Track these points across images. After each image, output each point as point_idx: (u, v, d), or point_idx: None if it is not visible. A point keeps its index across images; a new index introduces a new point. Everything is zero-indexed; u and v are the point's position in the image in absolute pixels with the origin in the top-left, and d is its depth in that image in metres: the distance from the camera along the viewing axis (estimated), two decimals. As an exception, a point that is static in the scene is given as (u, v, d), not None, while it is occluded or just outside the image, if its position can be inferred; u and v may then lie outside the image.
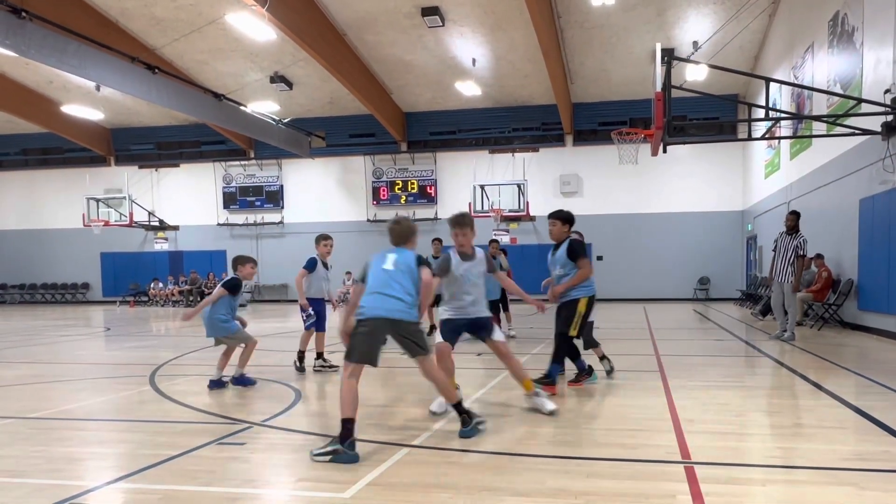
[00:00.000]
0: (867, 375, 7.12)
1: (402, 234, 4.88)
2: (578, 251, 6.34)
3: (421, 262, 4.72)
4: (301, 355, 8.00)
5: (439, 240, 12.06)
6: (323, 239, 8.05)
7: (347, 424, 4.19)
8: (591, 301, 6.48)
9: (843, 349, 9.75)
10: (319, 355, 8.05)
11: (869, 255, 11.52)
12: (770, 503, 3.34)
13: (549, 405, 5.42)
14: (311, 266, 7.84)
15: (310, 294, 7.87)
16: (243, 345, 7.05)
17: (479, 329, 5.50)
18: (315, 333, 7.96)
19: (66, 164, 28.73)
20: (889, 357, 8.79)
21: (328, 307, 8.27)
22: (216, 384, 6.80)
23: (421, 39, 19.95)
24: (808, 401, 6.11)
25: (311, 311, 7.83)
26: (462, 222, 5.35)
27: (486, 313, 5.55)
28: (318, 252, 7.98)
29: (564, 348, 6.46)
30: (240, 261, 7.17)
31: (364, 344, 4.43)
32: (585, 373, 6.77)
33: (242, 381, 6.92)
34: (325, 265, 8.01)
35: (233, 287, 6.89)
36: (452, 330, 5.49)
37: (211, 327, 6.94)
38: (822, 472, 3.81)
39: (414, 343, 4.59)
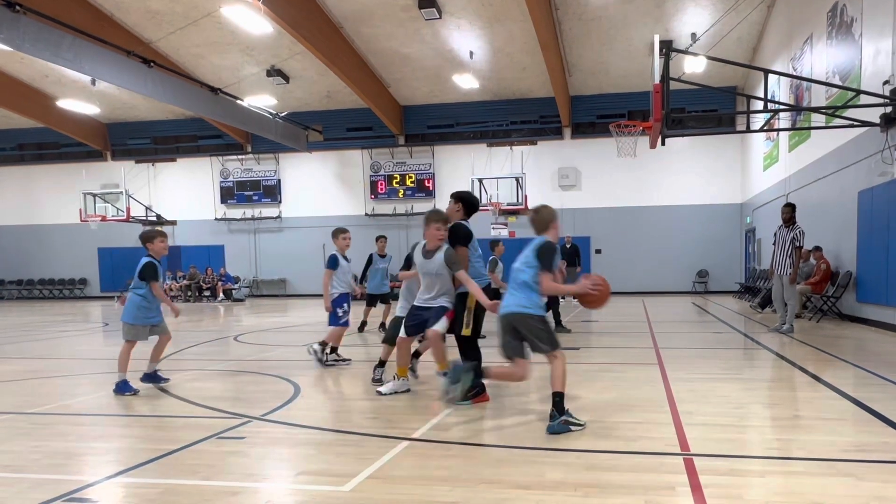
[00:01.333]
0: (866, 367, 7.13)
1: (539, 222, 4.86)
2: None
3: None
4: (334, 350, 7.97)
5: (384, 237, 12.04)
6: (341, 233, 8.02)
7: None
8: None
9: (841, 341, 9.76)
10: (334, 350, 7.99)
11: (867, 247, 11.53)
12: (769, 494, 3.34)
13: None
14: (333, 264, 7.81)
15: (341, 289, 7.86)
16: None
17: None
18: (338, 328, 7.84)
19: (62, 160, 28.64)
20: (887, 349, 8.80)
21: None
22: (149, 378, 6.60)
23: (418, 32, 19.88)
24: (806, 392, 6.12)
25: (345, 307, 7.87)
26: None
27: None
28: (336, 247, 7.97)
29: (469, 352, 5.79)
30: (146, 238, 6.50)
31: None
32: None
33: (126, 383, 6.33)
34: (346, 258, 8.02)
35: (145, 276, 6.38)
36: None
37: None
38: (821, 463, 3.82)
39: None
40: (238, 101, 19.57)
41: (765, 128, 13.36)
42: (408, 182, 25.89)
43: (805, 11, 15.20)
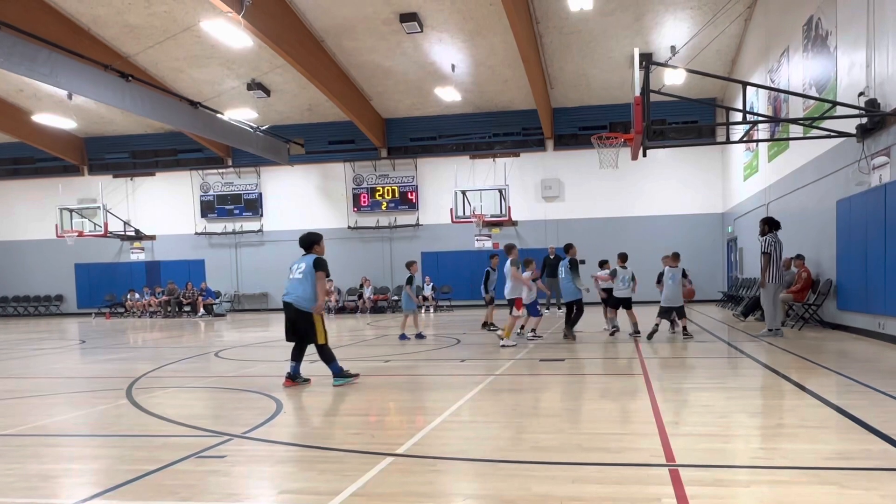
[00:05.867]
0: (848, 374, 7.19)
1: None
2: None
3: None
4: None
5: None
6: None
7: None
8: None
9: (823, 348, 9.85)
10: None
11: (847, 255, 11.67)
12: (755, 504, 3.33)
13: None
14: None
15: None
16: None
17: None
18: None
19: (38, 174, 28.25)
20: (868, 356, 8.89)
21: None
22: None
23: (400, 45, 19.94)
24: (790, 401, 6.14)
25: None
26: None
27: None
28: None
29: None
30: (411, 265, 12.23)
31: None
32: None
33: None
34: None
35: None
36: None
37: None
38: (806, 471, 3.82)
39: None
40: (218, 115, 19.44)
41: (744, 139, 13.55)
42: (391, 195, 25.86)
43: (781, 25, 15.47)
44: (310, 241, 7.50)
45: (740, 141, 13.74)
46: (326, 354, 7.36)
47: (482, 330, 14.14)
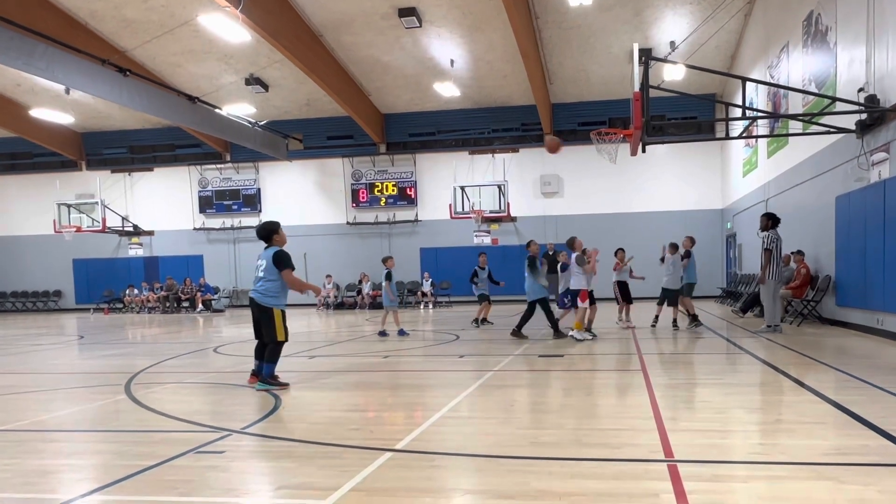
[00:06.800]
0: (846, 370, 7.20)
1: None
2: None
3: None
4: None
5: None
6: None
7: None
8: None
9: (822, 345, 9.86)
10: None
11: (846, 251, 11.68)
12: (752, 500, 3.33)
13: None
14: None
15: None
16: None
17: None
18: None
19: (36, 170, 28.18)
20: (867, 352, 8.91)
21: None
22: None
23: (398, 40, 19.89)
24: (788, 396, 6.15)
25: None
26: None
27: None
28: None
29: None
30: None
31: None
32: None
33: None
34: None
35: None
36: None
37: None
38: (803, 467, 3.83)
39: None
40: (216, 110, 19.41)
41: (743, 134, 13.55)
42: (389, 190, 25.82)
43: (781, 20, 15.44)
44: (268, 231, 7.23)
45: (739, 137, 13.73)
46: (275, 353, 6.90)
47: (478, 326, 14.14)
